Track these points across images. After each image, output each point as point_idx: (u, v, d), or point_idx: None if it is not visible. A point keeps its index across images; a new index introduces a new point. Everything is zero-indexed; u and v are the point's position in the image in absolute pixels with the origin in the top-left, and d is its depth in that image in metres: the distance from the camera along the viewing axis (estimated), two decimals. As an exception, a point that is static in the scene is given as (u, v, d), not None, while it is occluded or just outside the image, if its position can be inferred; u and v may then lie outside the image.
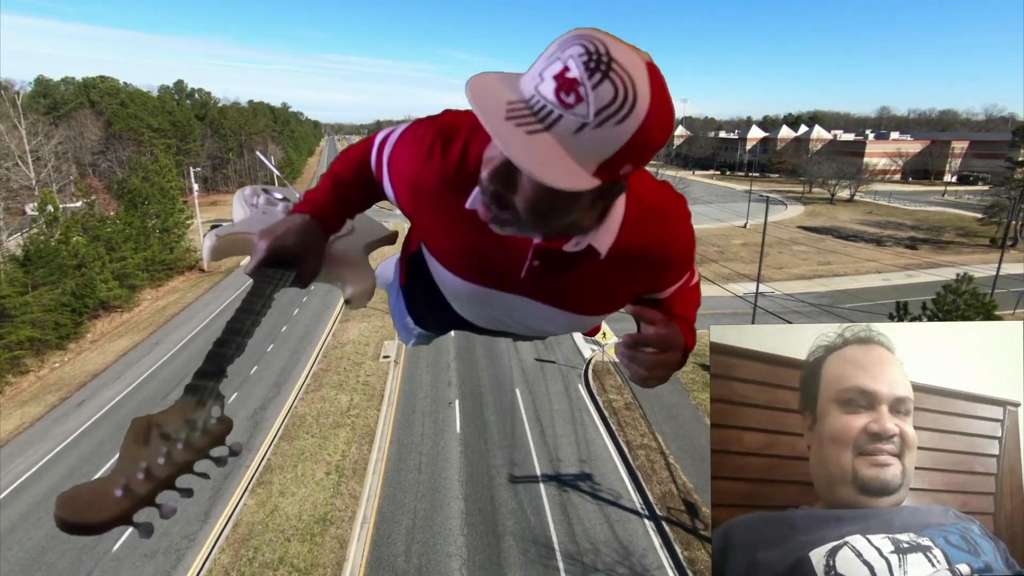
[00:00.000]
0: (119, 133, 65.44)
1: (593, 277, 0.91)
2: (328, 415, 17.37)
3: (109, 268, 27.90)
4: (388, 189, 1.04)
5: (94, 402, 18.98)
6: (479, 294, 1.01)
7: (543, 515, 12.82)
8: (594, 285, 0.94)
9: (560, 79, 0.61)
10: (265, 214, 1.26)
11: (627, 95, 0.60)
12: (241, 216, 1.28)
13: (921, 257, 40.04)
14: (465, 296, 1.06)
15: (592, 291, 0.96)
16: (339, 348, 22.58)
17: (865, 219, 53.86)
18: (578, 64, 0.60)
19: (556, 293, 0.96)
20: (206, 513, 12.98)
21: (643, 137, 0.63)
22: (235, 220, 1.26)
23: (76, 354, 24.32)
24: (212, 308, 28.37)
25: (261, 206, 1.31)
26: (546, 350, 22.09)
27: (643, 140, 0.63)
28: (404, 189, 0.98)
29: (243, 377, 20.13)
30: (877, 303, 29.04)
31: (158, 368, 21.42)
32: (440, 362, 21.27)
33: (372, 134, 1.11)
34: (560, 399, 18.16)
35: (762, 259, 24.62)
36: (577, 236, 0.82)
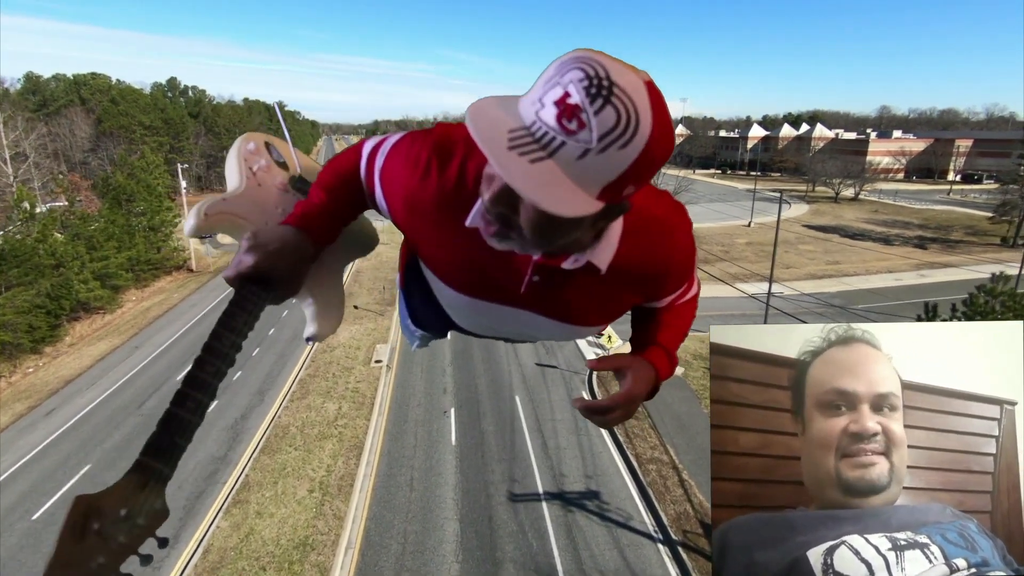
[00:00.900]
0: (110, 131, 64.04)
1: (592, 291, 0.92)
2: (314, 425, 16.15)
3: (89, 268, 26.65)
4: (380, 201, 1.01)
5: (64, 411, 17.74)
6: (477, 307, 1.01)
7: (546, 539, 11.64)
8: (593, 298, 0.94)
9: (561, 105, 0.61)
10: (261, 187, 1.15)
11: (629, 119, 0.60)
12: (235, 181, 1.15)
13: (932, 256, 38.92)
14: (463, 308, 1.06)
15: (591, 304, 0.96)
16: (328, 352, 21.37)
17: (871, 218, 52.79)
18: (579, 89, 0.60)
19: (556, 306, 0.96)
20: (174, 537, 11.77)
21: (646, 159, 0.63)
22: (228, 181, 1.17)
23: (52, 358, 23.08)
24: (197, 310, 27.10)
25: (259, 174, 1.18)
26: (547, 354, 20.90)
27: (646, 161, 0.63)
28: (399, 205, 0.95)
29: (225, 383, 18.75)
30: (892, 303, 27.96)
31: (136, 374, 20.18)
32: (435, 367, 20.07)
33: (359, 142, 1.08)
34: (563, 407, 16.97)
35: (775, 258, 23.44)
36: (576, 254, 0.83)
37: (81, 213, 28.41)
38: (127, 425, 16.64)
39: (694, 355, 20.84)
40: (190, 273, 35.60)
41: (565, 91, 0.60)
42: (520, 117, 0.64)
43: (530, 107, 0.64)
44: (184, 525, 12.04)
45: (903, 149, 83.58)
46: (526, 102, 0.65)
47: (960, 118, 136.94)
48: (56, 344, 24.33)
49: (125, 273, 29.95)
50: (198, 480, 13.69)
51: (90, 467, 14.60)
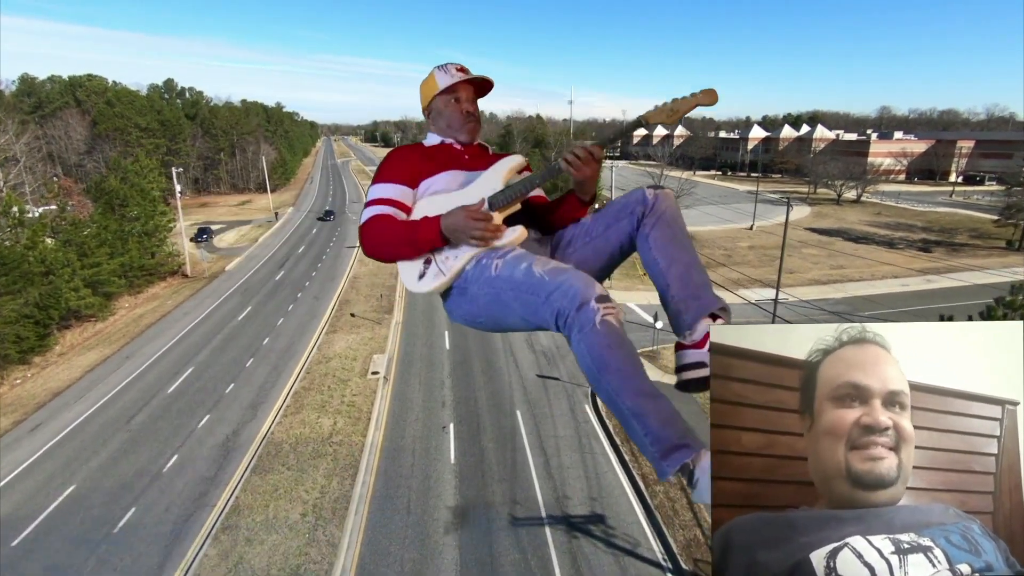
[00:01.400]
0: (106, 133, 63.39)
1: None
2: (308, 442, 15.59)
3: (80, 275, 26.07)
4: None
5: (51, 426, 17.18)
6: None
7: (550, 567, 11.09)
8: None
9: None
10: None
11: None
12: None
13: (937, 260, 38.41)
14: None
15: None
16: (324, 363, 20.80)
17: (874, 220, 52.29)
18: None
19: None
20: (159, 566, 11.21)
21: None
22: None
23: (41, 368, 22.50)
24: (191, 318, 26.51)
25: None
26: (548, 364, 20.36)
27: None
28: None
29: (217, 396, 18.37)
30: (899, 310, 27.43)
31: (125, 387, 19.61)
32: (433, 379, 19.52)
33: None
34: (566, 423, 16.43)
35: (782, 265, 22.89)
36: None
37: (72, 218, 27.80)
38: (114, 442, 16.08)
39: (700, 366, 20.31)
40: (185, 279, 35.02)
41: None
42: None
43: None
44: (169, 553, 11.48)
45: (904, 150, 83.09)
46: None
47: (960, 118, 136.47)
48: (45, 354, 23.75)
49: (118, 279, 29.36)
50: (186, 502, 13.13)
51: (75, 487, 14.03)
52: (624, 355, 1.27)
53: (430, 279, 1.62)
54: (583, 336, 1.28)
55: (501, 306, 1.51)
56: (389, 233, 1.62)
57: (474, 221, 1.55)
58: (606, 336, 1.26)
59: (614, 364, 1.26)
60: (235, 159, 79.95)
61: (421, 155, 1.79)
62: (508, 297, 1.47)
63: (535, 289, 1.40)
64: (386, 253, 1.65)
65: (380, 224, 1.63)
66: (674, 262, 1.52)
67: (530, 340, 22.57)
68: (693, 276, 1.51)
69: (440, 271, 1.61)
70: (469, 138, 1.84)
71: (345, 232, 45.70)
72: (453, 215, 1.57)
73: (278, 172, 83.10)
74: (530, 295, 1.41)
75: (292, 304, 27.84)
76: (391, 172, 1.74)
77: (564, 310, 1.32)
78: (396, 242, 1.62)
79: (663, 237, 1.54)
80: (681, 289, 1.49)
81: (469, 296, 1.59)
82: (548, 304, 1.36)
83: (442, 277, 1.61)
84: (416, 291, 1.66)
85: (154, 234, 34.33)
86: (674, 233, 1.55)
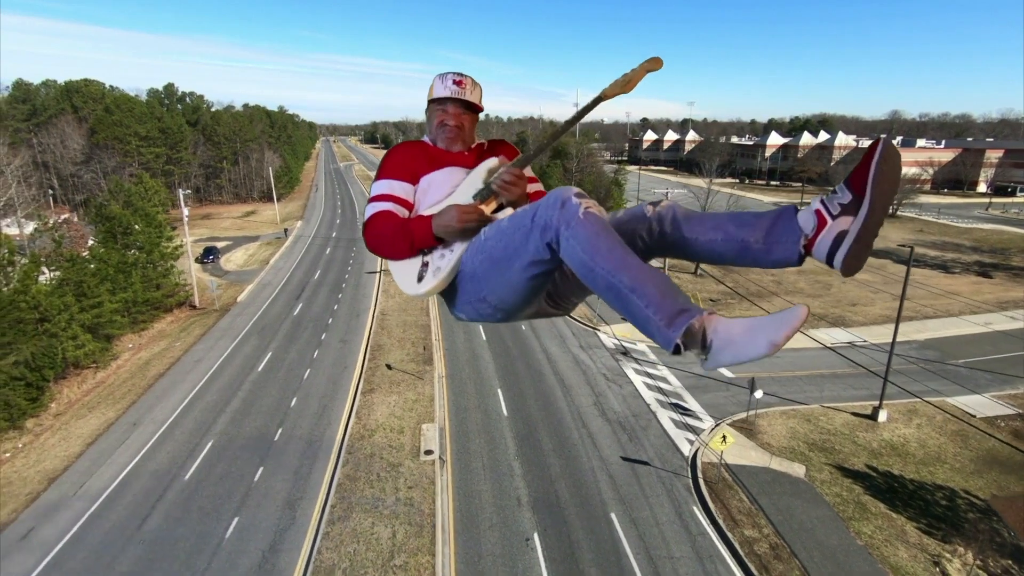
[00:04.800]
0: (104, 142, 60.05)
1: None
2: (365, 567, 12.62)
3: (79, 320, 23.01)
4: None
5: (44, 533, 14.14)
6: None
7: None
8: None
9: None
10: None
11: None
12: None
13: (1007, 288, 35.69)
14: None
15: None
16: (367, 438, 17.80)
17: (919, 239, 49.53)
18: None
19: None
20: None
21: None
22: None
23: (34, 436, 19.43)
24: (204, 367, 23.44)
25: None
26: (630, 441, 17.42)
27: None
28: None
29: (245, 488, 15.38)
30: (995, 357, 24.63)
31: (133, 469, 16.57)
32: (499, 462, 16.54)
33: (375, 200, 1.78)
34: (675, 533, 13.51)
35: (899, 323, 19.97)
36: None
37: (70, 255, 24.68)
38: (126, 558, 13.09)
39: (808, 443, 17.42)
40: (193, 311, 31.94)
41: None
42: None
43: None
44: None
45: (931, 159, 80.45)
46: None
47: (975, 123, 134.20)
48: (40, 414, 20.70)
49: (120, 318, 26.28)
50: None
51: (76, 638, 11.05)
52: (614, 239, 1.28)
53: (430, 278, 1.65)
54: (572, 231, 1.28)
55: (499, 265, 1.49)
56: (389, 231, 1.67)
57: (466, 215, 1.59)
58: (593, 224, 1.28)
59: (604, 247, 1.26)
60: (238, 167, 76.69)
61: (421, 152, 1.82)
62: (500, 249, 1.47)
63: (520, 221, 1.42)
64: (386, 250, 1.69)
65: (381, 221, 1.68)
66: (720, 224, 1.43)
67: (600, 405, 19.64)
68: (750, 216, 1.42)
69: (438, 267, 1.64)
70: (445, 147, 1.84)
71: (362, 255, 42.57)
72: (445, 213, 1.61)
73: (283, 180, 79.81)
74: (518, 230, 1.42)
75: (317, 350, 24.81)
76: (393, 168, 1.77)
77: (550, 218, 1.33)
78: (395, 239, 1.66)
79: (694, 220, 1.48)
80: (755, 221, 1.39)
81: (468, 274, 1.60)
82: (535, 225, 1.37)
83: (441, 273, 1.63)
84: (417, 294, 1.67)
85: (159, 263, 31.24)
86: (698, 215, 1.51)
